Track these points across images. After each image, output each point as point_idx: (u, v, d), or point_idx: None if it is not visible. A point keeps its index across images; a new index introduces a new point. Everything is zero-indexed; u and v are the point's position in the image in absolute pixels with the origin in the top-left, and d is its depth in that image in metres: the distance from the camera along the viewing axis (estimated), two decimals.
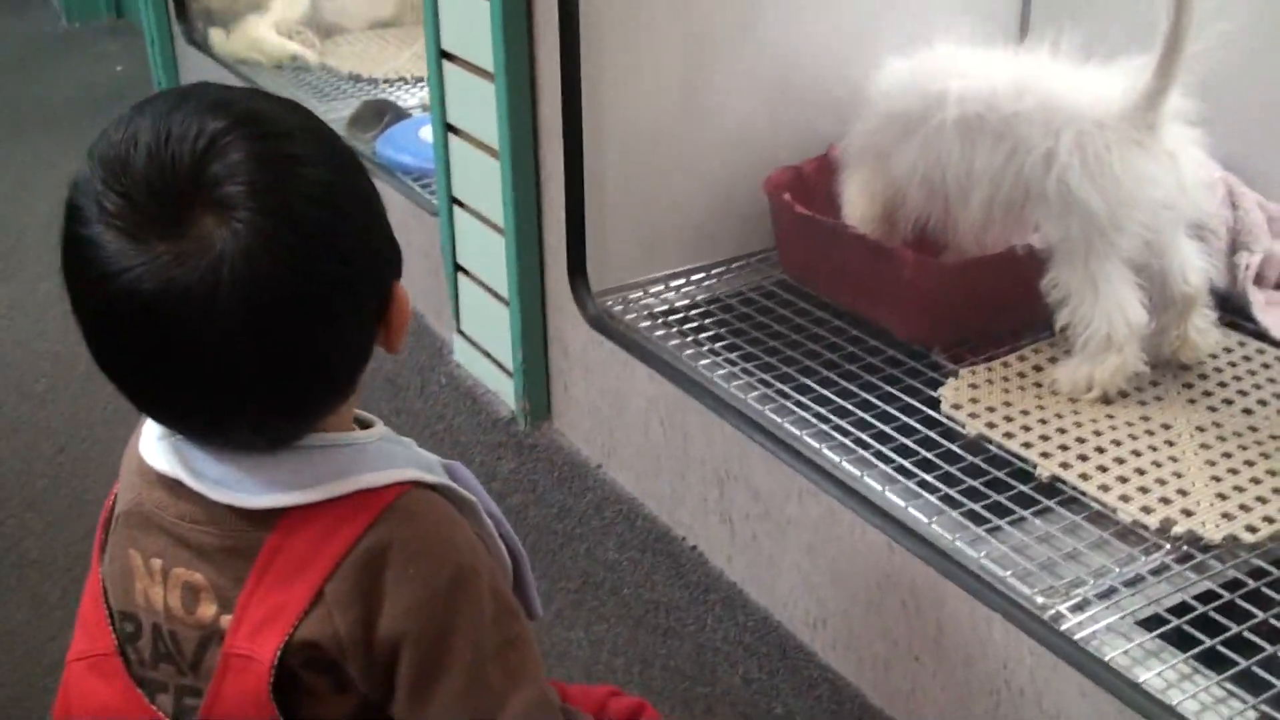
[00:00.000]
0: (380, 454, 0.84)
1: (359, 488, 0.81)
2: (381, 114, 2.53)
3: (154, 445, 0.84)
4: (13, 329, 2.30)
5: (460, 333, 2.14)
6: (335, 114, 2.66)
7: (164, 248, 0.72)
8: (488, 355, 2.05)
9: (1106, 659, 1.19)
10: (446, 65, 1.94)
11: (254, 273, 0.73)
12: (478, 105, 1.87)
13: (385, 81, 2.89)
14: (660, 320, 1.82)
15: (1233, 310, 1.77)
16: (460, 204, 2.02)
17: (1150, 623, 1.24)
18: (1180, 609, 1.25)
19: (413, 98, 2.77)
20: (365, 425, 0.88)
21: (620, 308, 1.86)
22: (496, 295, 1.96)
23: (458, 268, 2.07)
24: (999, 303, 1.69)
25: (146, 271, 0.72)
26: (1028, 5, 2.10)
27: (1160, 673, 1.18)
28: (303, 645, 0.79)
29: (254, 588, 0.80)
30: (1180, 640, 1.22)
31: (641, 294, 1.90)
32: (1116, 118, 1.48)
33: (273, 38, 3.02)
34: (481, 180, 1.91)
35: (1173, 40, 1.41)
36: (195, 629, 0.82)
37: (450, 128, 1.98)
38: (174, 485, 0.82)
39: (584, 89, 1.75)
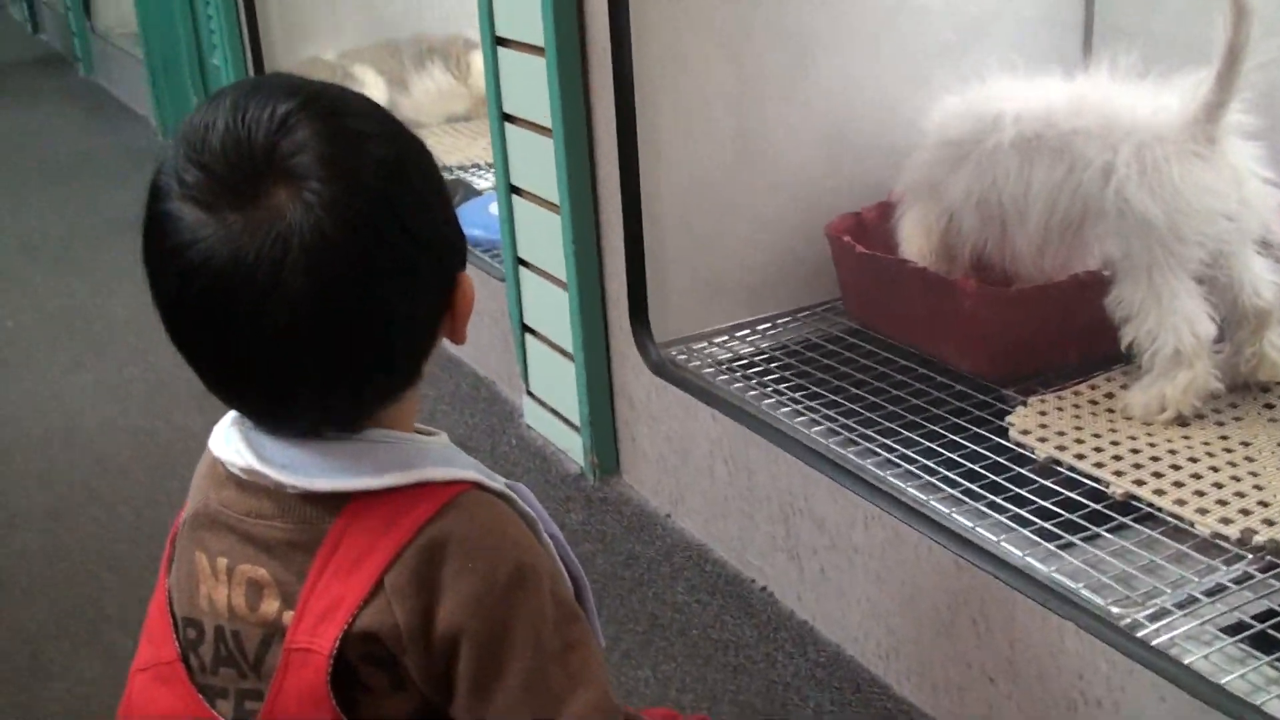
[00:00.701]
0: (445, 454, 0.85)
1: (423, 479, 0.81)
2: (454, 192, 2.59)
3: (224, 437, 0.85)
4: (98, 408, 2.36)
5: (530, 394, 2.15)
6: None
7: (235, 217, 0.74)
8: (556, 413, 2.06)
9: (1186, 663, 1.14)
10: (508, 127, 1.99)
11: (322, 243, 0.74)
12: (538, 163, 1.90)
13: (459, 168, 2.96)
14: (724, 367, 1.82)
15: None
16: (525, 264, 2.04)
17: (1233, 630, 1.19)
18: (1265, 616, 1.20)
19: (485, 181, 2.83)
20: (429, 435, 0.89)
21: (684, 356, 1.86)
22: (562, 351, 1.98)
23: (525, 328, 2.09)
24: (1063, 332, 1.66)
25: (218, 240, 0.75)
26: (1089, 37, 2.10)
27: (1244, 675, 1.12)
28: (361, 636, 0.78)
29: (316, 579, 0.79)
30: (1266, 646, 1.16)
31: (706, 344, 1.89)
32: (1176, 130, 1.47)
33: None
34: (544, 237, 1.94)
35: (1231, 54, 1.41)
36: (258, 626, 0.82)
37: (514, 189, 2.02)
38: (242, 482, 0.83)
39: (639, 141, 1.78)
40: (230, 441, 0.84)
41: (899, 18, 1.95)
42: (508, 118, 1.99)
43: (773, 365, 1.81)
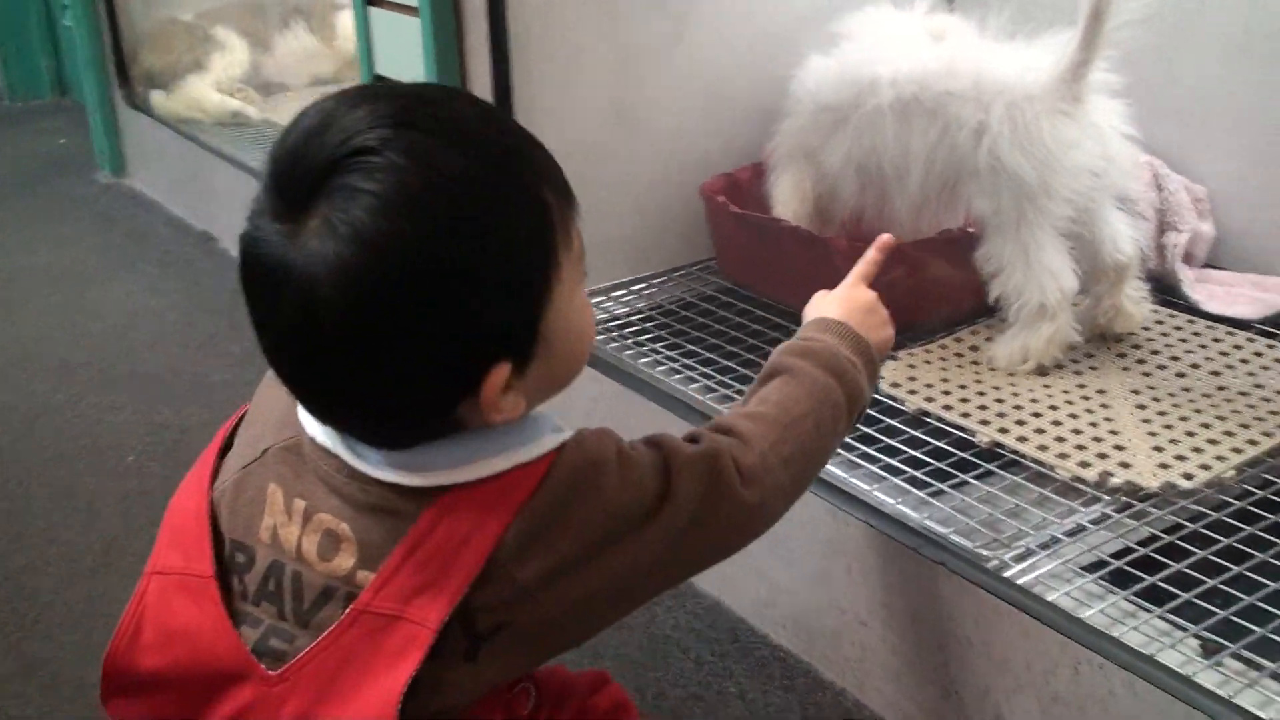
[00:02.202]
0: (532, 428, 0.84)
1: (515, 464, 0.81)
2: None
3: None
4: None
5: None
6: None
7: (282, 226, 0.75)
8: None
9: (1049, 600, 1.19)
10: None
11: (315, 290, 0.74)
12: None
13: None
14: (602, 327, 1.83)
15: (1164, 290, 1.80)
16: None
17: (1092, 568, 1.25)
18: (1121, 554, 1.26)
19: None
20: None
21: None
22: None
23: None
24: (932, 288, 1.71)
25: (262, 234, 0.76)
26: None
27: (1102, 610, 1.18)
28: (468, 611, 0.78)
29: (408, 554, 0.79)
30: (1123, 581, 1.22)
31: None
32: (1044, 90, 1.51)
33: (214, 96, 3.04)
34: None
35: (1095, 14, 1.45)
36: (324, 576, 0.81)
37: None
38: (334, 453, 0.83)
39: (516, 106, 1.78)
40: (321, 425, 0.84)
41: None
42: (380, 80, 1.96)
43: (650, 325, 1.83)
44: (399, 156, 0.74)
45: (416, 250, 0.74)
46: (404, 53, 1.85)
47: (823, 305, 1.12)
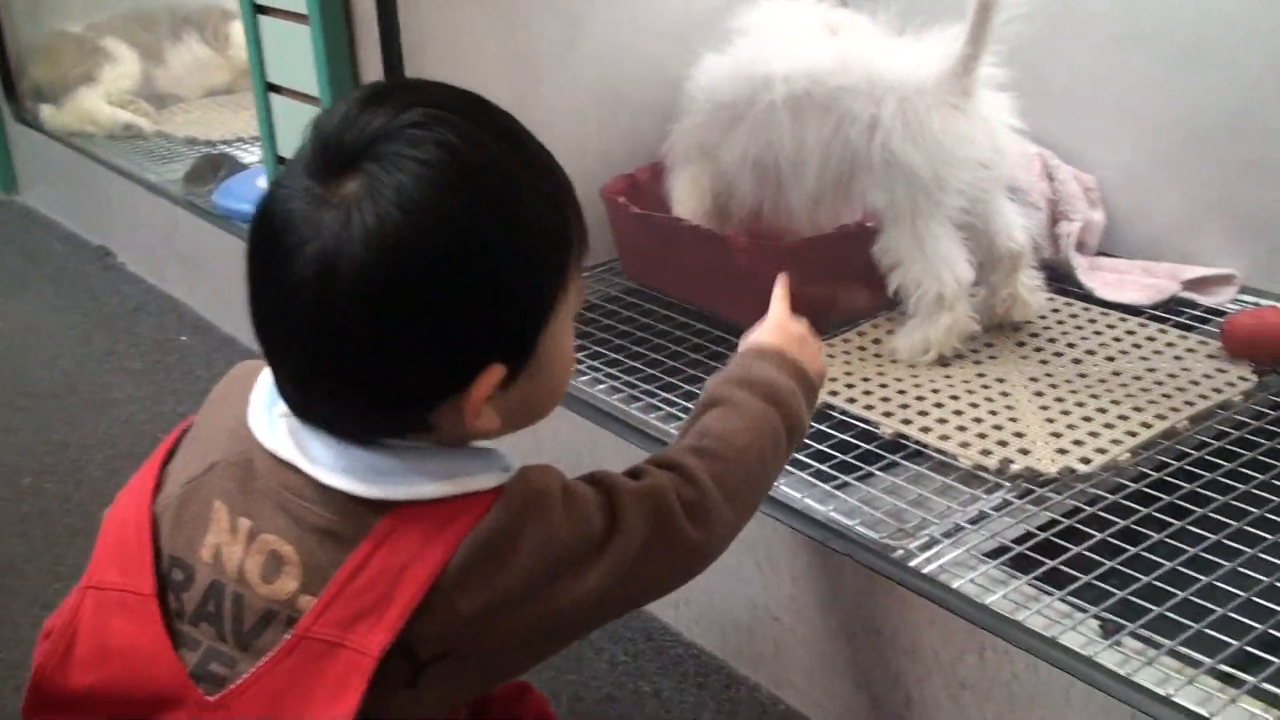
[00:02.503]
0: (484, 456, 0.84)
1: (468, 490, 0.80)
2: (217, 167, 2.51)
3: (266, 421, 0.83)
4: None
5: None
6: (172, 173, 2.62)
7: (311, 184, 0.76)
8: None
9: (954, 587, 1.20)
10: (273, 98, 1.94)
11: (340, 253, 0.74)
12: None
13: (223, 142, 2.86)
14: None
15: (1059, 279, 1.84)
16: None
17: (995, 554, 1.27)
18: (1023, 539, 1.28)
19: (251, 155, 2.75)
20: None
21: None
22: None
23: None
24: (832, 282, 1.72)
25: (290, 192, 0.77)
26: None
27: (1005, 594, 1.20)
28: (409, 639, 0.77)
29: (353, 575, 0.77)
30: (1025, 566, 1.24)
31: None
32: (934, 84, 1.53)
33: (105, 109, 2.97)
34: None
35: (982, 9, 1.48)
36: (265, 599, 0.79)
37: (282, 160, 1.97)
38: (285, 462, 0.81)
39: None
40: (275, 432, 0.82)
41: None
42: (272, 88, 1.94)
43: None
44: (450, 135, 0.76)
45: (455, 225, 0.75)
46: (295, 60, 1.83)
47: (757, 335, 1.13)
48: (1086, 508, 1.32)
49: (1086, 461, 1.37)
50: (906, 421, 1.48)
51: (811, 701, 1.35)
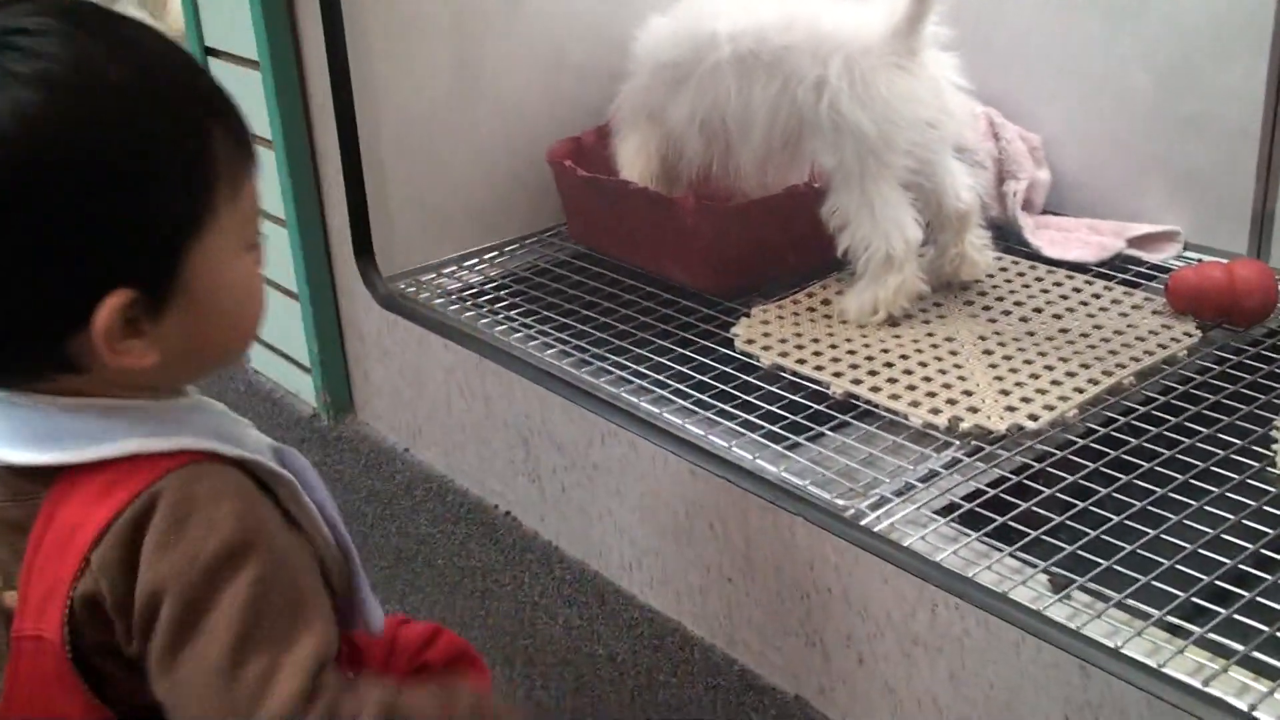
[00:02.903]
0: (172, 419, 0.77)
1: (132, 451, 0.74)
2: None
3: None
4: None
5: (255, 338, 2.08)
6: None
7: None
8: (283, 355, 2.01)
9: (905, 545, 1.21)
10: (211, 61, 1.90)
11: None
12: (246, 98, 1.80)
13: None
14: (454, 297, 1.81)
15: (1006, 238, 1.85)
16: None
17: (945, 511, 1.27)
18: (972, 496, 1.29)
19: None
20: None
21: (413, 289, 1.84)
22: (286, 291, 1.92)
23: None
24: (781, 243, 1.72)
25: None
26: None
27: (956, 551, 1.20)
28: (82, 617, 0.72)
29: (32, 560, 0.73)
30: (975, 523, 1.25)
31: (434, 275, 1.88)
32: (880, 44, 1.53)
33: None
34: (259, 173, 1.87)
35: None
36: None
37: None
38: None
39: (353, 73, 1.74)
40: None
41: None
42: (210, 52, 1.91)
43: (503, 293, 1.81)
44: (53, 41, 0.70)
45: (42, 135, 0.69)
46: (233, 23, 1.80)
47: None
48: (1035, 464, 1.33)
49: (1034, 419, 1.38)
50: (857, 381, 1.48)
51: (765, 661, 1.36)
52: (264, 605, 0.73)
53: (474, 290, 1.83)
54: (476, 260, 1.92)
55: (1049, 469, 1.31)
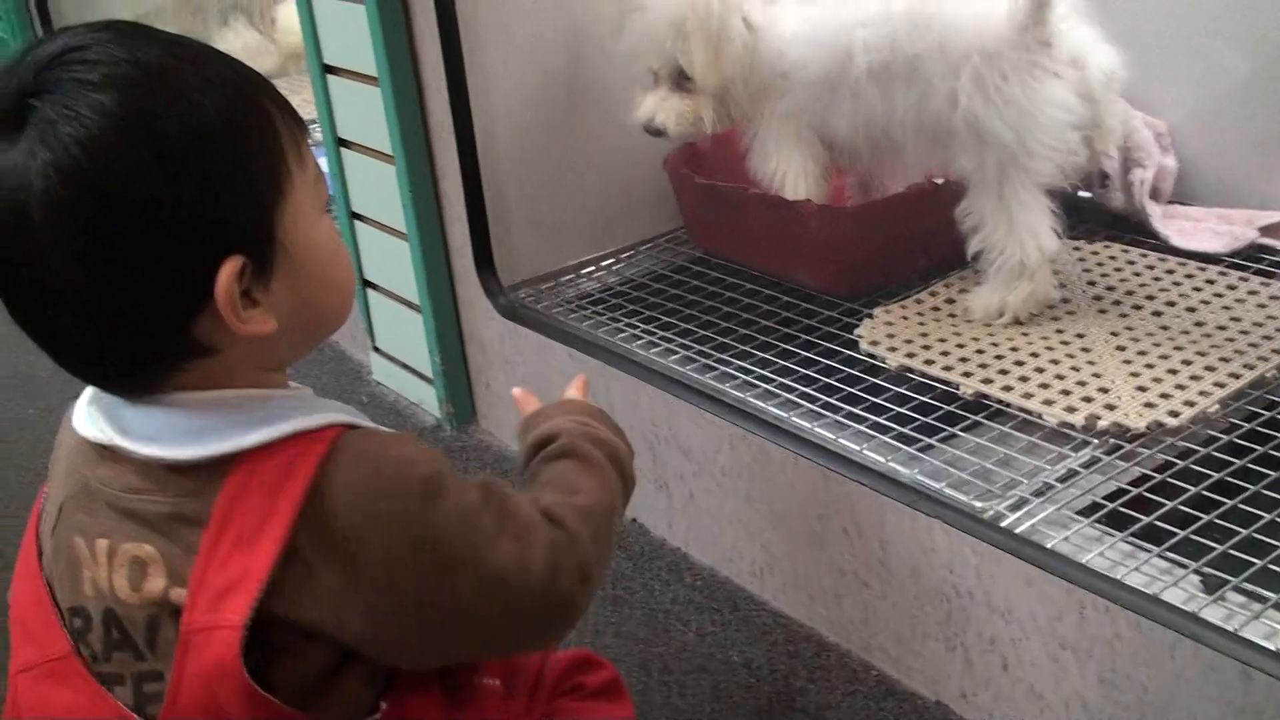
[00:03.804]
0: (305, 402, 0.82)
1: (298, 429, 0.78)
2: None
3: (85, 413, 0.82)
4: None
5: (376, 350, 2.11)
6: None
7: (3, 143, 0.73)
8: (406, 367, 2.03)
9: (1048, 547, 1.19)
10: (330, 79, 1.93)
11: (26, 190, 0.71)
12: (366, 114, 1.86)
13: None
14: (575, 305, 1.82)
15: (1133, 229, 1.81)
16: (361, 218, 2.00)
17: (1087, 511, 1.25)
18: (1115, 495, 1.26)
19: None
20: None
21: (533, 298, 1.85)
22: (408, 303, 1.95)
23: (366, 283, 2.05)
24: (905, 243, 1.70)
25: None
26: None
27: (1102, 553, 1.18)
28: (274, 598, 0.75)
29: (210, 554, 0.76)
30: (1119, 523, 1.22)
31: (553, 284, 1.89)
32: (1008, 42, 1.46)
33: None
34: (379, 189, 1.90)
35: None
36: (142, 607, 0.78)
37: (341, 142, 1.97)
38: (113, 457, 0.79)
39: (470, 84, 1.76)
40: (93, 419, 0.81)
41: None
42: (329, 69, 1.94)
43: (623, 299, 1.82)
44: (115, 49, 0.74)
45: (133, 121, 0.73)
46: (352, 40, 1.82)
47: (562, 403, 1.09)
48: (1178, 461, 1.30)
49: (1175, 415, 1.35)
50: (987, 381, 1.46)
51: (904, 666, 1.34)
52: (473, 502, 0.81)
53: (593, 297, 1.84)
54: (594, 268, 1.93)
55: (1193, 466, 1.28)
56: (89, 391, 0.83)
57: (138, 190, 0.73)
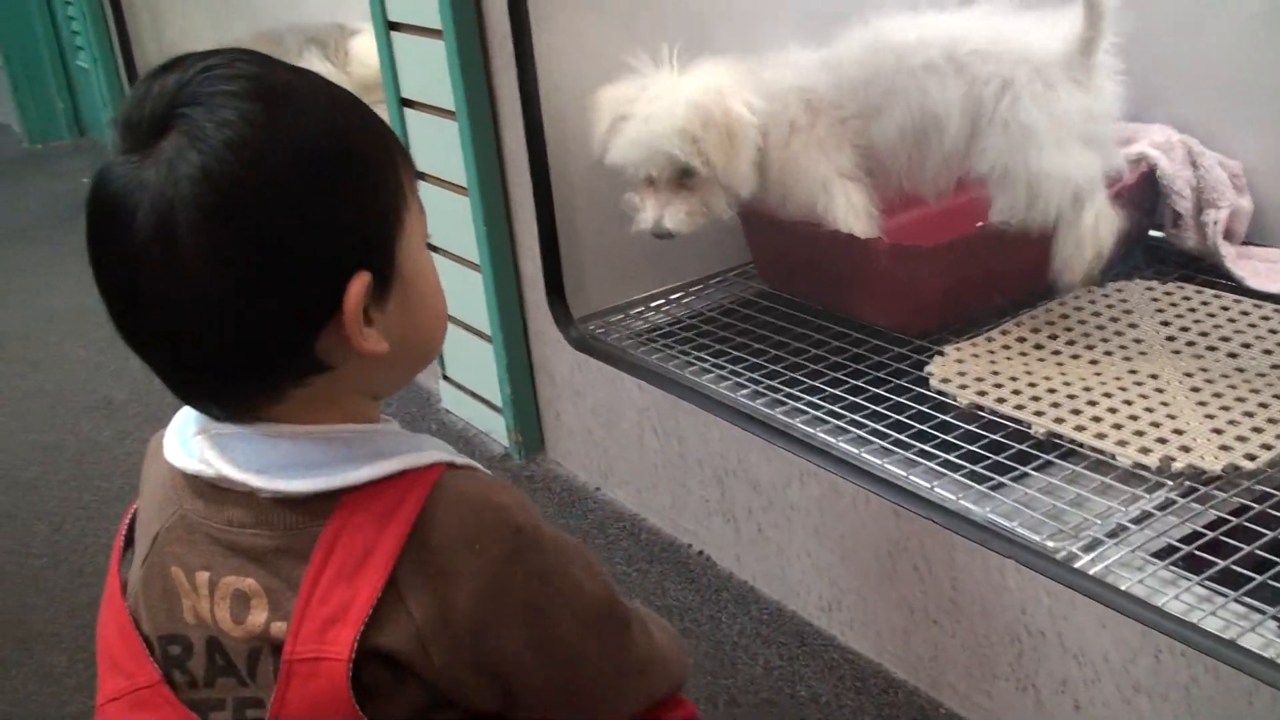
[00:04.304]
0: (407, 439, 0.83)
1: (405, 466, 0.79)
2: None
3: (182, 445, 0.82)
4: None
5: (446, 379, 2.14)
6: None
7: (135, 157, 0.74)
8: (476, 396, 2.06)
9: (1123, 589, 1.18)
10: (408, 112, 1.97)
11: (177, 202, 0.73)
12: (442, 147, 1.89)
13: None
14: (644, 338, 1.83)
15: (1207, 269, 1.80)
16: (435, 248, 2.03)
17: (1162, 554, 1.24)
18: (1191, 538, 1.25)
19: None
20: None
21: (603, 330, 1.87)
22: (479, 333, 1.97)
23: None
24: (976, 282, 1.71)
25: (117, 174, 0.74)
26: None
27: (1177, 596, 1.17)
28: (376, 637, 0.76)
29: (313, 586, 0.77)
30: (1194, 566, 1.22)
31: (623, 316, 1.91)
32: (1061, 59, 1.58)
33: None
34: (454, 221, 1.93)
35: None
36: (244, 640, 0.79)
37: (418, 174, 2.00)
38: (215, 492, 0.80)
39: (545, 119, 1.78)
40: (194, 451, 0.81)
41: None
42: (406, 103, 1.97)
43: (692, 333, 1.83)
44: (248, 65, 0.76)
45: (280, 138, 0.74)
46: (430, 75, 1.86)
47: None
48: (1255, 505, 1.29)
49: (1252, 458, 1.34)
50: (1059, 420, 1.46)
51: (973, 705, 1.34)
52: (569, 563, 0.82)
53: (663, 331, 1.85)
54: (663, 301, 1.95)
55: (1270, 510, 1.27)
56: (183, 423, 0.84)
57: (283, 197, 0.74)
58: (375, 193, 0.79)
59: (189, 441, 0.82)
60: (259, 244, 0.74)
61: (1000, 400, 1.52)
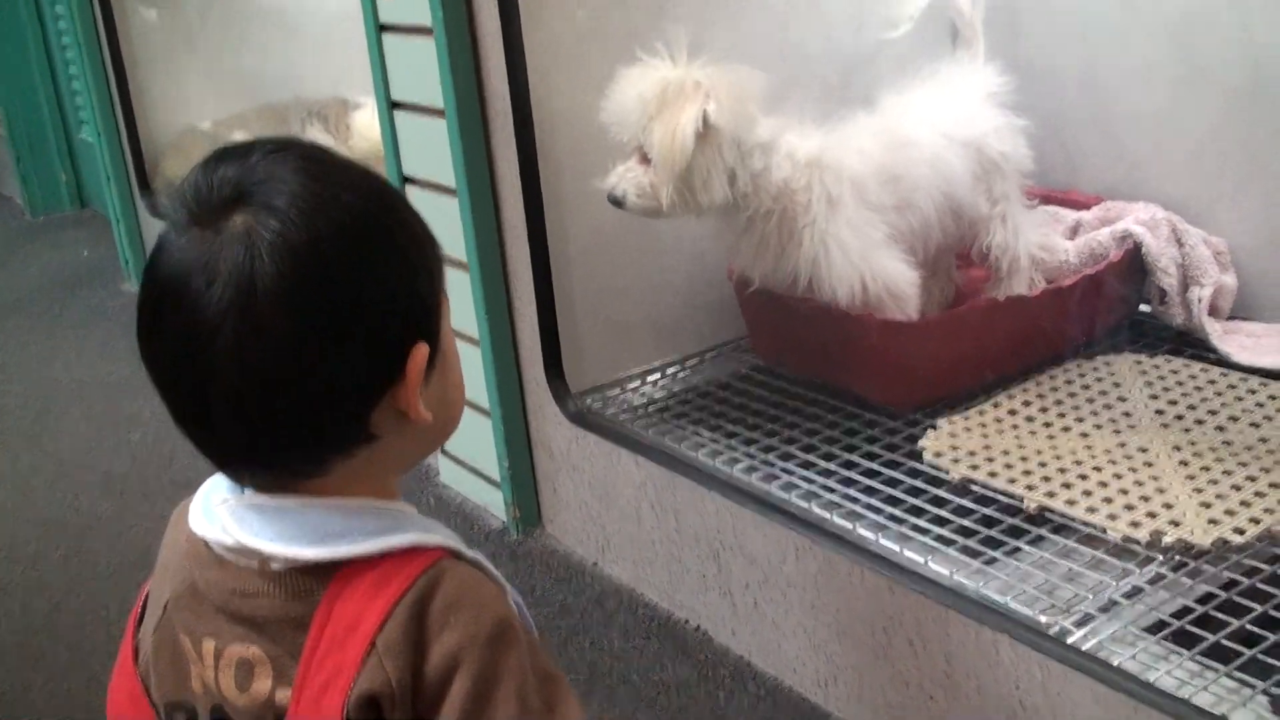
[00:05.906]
0: (422, 520, 0.86)
1: (409, 544, 0.82)
2: None
3: (205, 514, 0.85)
4: None
5: (444, 453, 2.16)
6: None
7: (198, 232, 0.77)
8: (474, 471, 2.07)
9: (1116, 665, 1.20)
10: (409, 188, 2.01)
11: (252, 274, 0.75)
12: (442, 223, 1.91)
13: None
14: (640, 412, 1.85)
15: (1194, 344, 1.83)
16: None
17: (1154, 628, 1.26)
18: (1181, 613, 1.27)
19: None
20: None
21: (600, 404, 1.89)
22: (477, 408, 1.99)
23: None
24: (969, 358, 1.73)
25: (178, 249, 0.77)
26: None
27: (1169, 671, 1.19)
28: (359, 702, 0.78)
29: (312, 654, 0.79)
30: (1185, 641, 1.23)
31: (619, 390, 1.93)
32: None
33: None
34: (453, 296, 1.94)
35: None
36: (249, 708, 0.81)
37: None
38: (226, 561, 0.83)
39: (544, 195, 1.82)
40: (215, 519, 0.83)
41: (789, 29, 2.01)
42: (407, 180, 2.01)
43: (687, 407, 1.85)
44: (307, 149, 0.81)
45: (351, 210, 0.79)
46: (431, 153, 1.89)
47: None
48: (1245, 579, 1.30)
49: (1241, 532, 1.36)
50: (1050, 494, 1.48)
51: None
52: (539, 679, 0.82)
53: (659, 405, 1.87)
54: (659, 375, 1.97)
55: (1260, 585, 1.29)
56: (209, 491, 0.86)
57: (359, 263, 0.78)
58: (427, 264, 0.84)
59: (213, 510, 0.84)
60: (336, 310, 0.78)
61: (992, 474, 1.54)
